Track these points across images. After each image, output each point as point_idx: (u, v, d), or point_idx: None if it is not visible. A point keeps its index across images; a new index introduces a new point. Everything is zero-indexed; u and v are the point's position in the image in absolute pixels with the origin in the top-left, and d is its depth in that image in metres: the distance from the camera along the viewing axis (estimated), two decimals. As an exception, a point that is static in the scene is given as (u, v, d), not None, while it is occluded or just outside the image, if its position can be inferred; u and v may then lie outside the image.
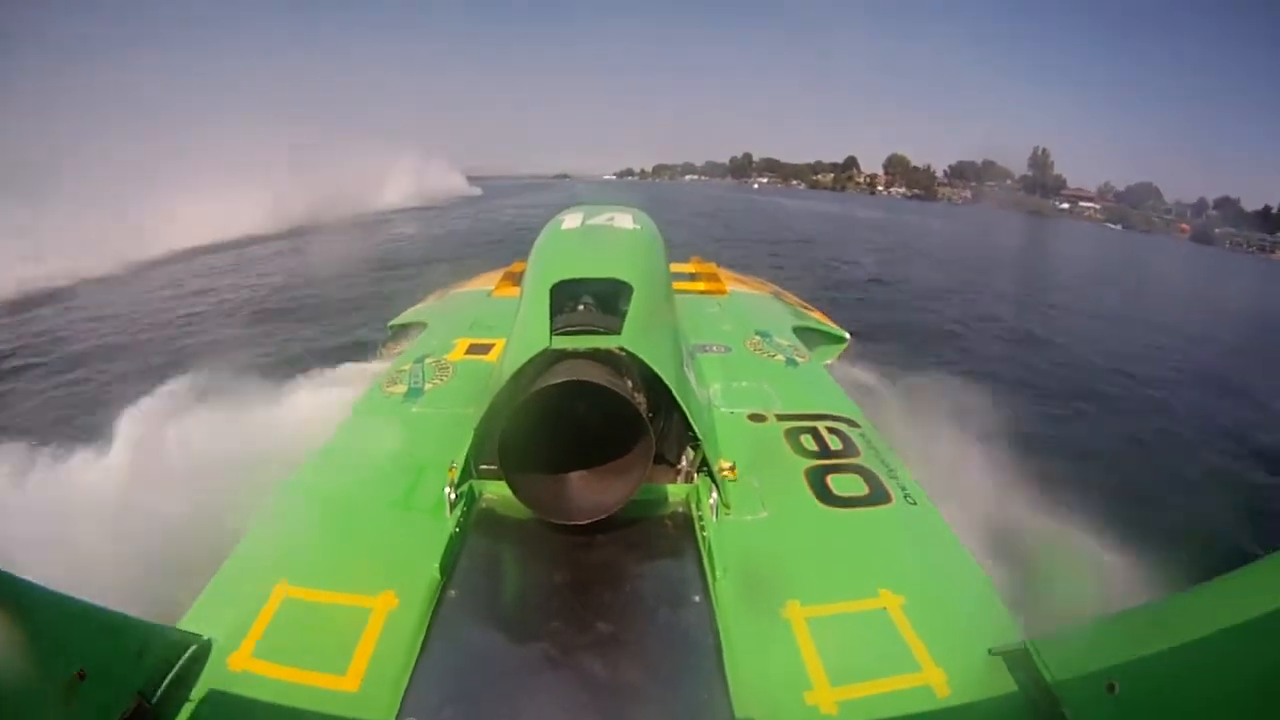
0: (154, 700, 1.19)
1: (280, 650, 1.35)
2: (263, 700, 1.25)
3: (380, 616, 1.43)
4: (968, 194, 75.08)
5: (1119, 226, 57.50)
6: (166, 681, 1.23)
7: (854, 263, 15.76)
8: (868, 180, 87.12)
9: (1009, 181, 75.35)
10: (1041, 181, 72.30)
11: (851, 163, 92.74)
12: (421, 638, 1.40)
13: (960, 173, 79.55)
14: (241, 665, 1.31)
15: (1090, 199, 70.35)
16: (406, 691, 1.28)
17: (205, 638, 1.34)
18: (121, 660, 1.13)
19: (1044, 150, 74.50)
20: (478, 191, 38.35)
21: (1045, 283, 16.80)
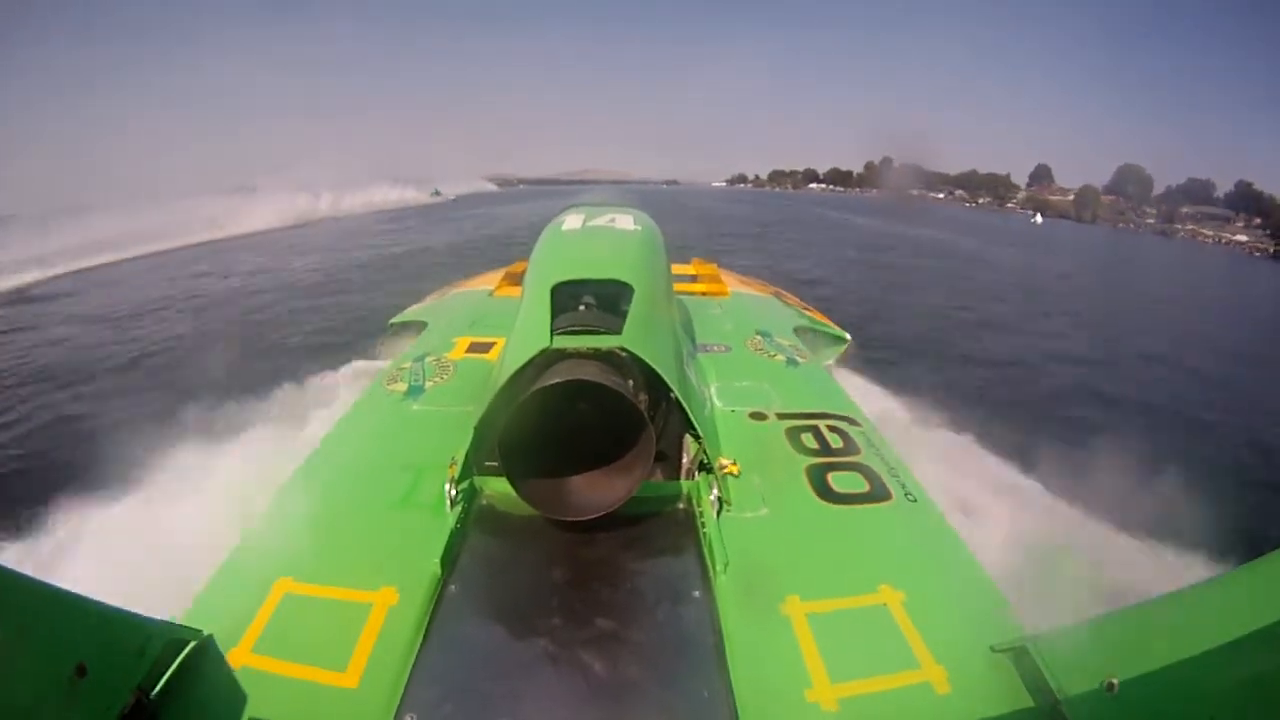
0: (154, 695, 1.19)
1: (280, 645, 1.35)
2: (263, 695, 1.25)
3: (381, 612, 1.43)
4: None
5: None
6: (166, 677, 1.23)
7: None
8: (1160, 214, 53.00)
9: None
10: None
11: (1044, 173, 69.26)
12: (422, 633, 1.40)
13: (1190, 195, 52.72)
14: (242, 660, 1.31)
15: None
16: (407, 687, 1.28)
17: (206, 633, 1.34)
18: (122, 656, 1.13)
19: None
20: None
21: None
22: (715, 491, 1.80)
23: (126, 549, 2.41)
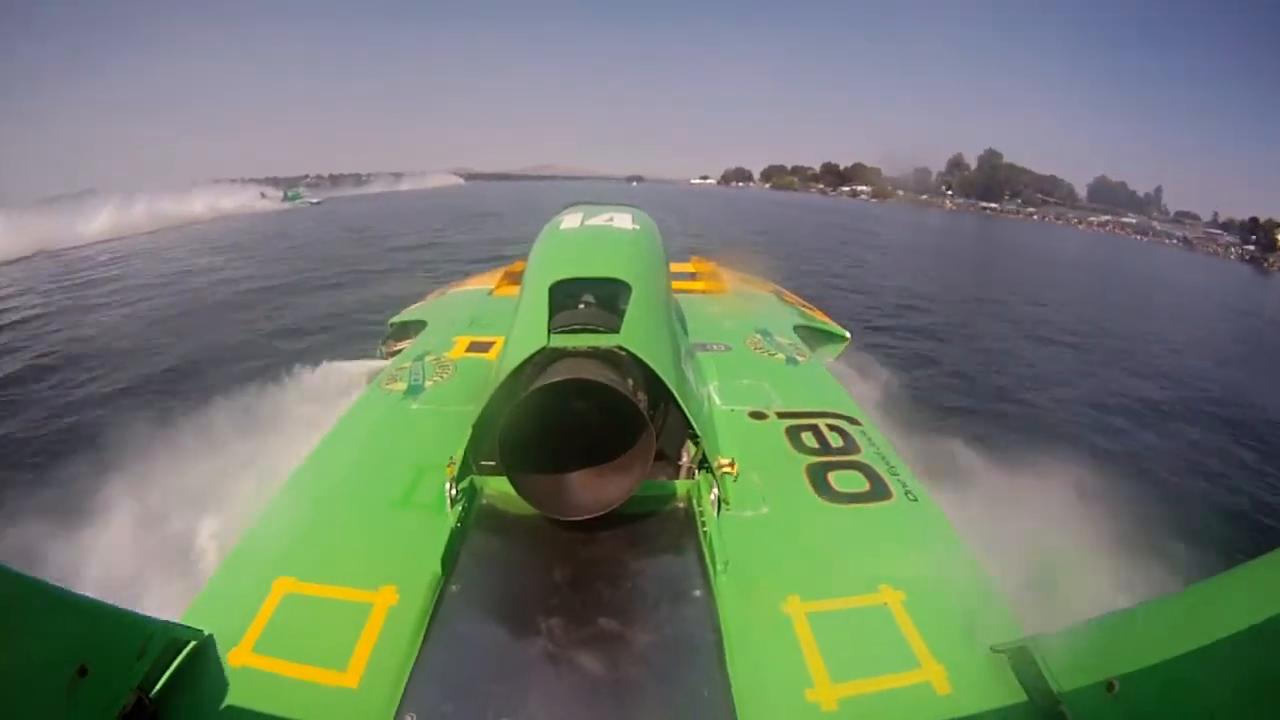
0: (154, 695, 1.19)
1: (281, 645, 1.35)
2: (263, 695, 1.25)
3: (381, 612, 1.43)
4: None
5: None
6: (166, 677, 1.23)
7: None
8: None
9: None
10: None
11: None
12: (422, 633, 1.40)
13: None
14: (242, 660, 1.31)
15: None
16: (407, 687, 1.28)
17: (206, 633, 1.34)
18: (122, 656, 1.12)
19: None
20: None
21: None
22: (715, 490, 1.80)
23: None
